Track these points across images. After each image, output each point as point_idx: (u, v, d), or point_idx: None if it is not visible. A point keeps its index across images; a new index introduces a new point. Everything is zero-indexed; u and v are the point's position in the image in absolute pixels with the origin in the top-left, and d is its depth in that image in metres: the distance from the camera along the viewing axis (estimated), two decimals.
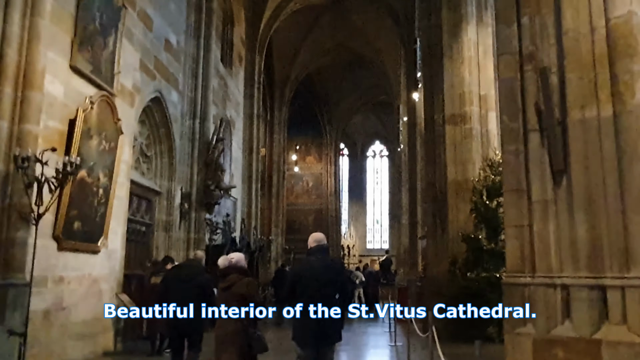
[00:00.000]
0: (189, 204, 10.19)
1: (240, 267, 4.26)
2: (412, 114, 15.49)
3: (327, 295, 3.69)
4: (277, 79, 21.77)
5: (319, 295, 3.65)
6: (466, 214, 9.16)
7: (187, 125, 10.41)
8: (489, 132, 9.58)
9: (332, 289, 3.74)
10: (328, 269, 3.82)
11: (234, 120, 14.64)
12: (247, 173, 15.69)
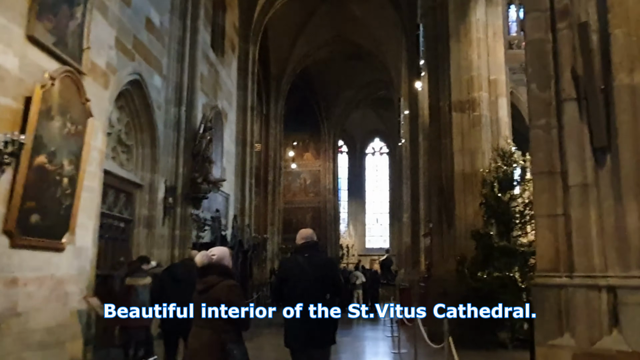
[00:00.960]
0: (173, 198, 9.39)
1: (222, 266, 3.36)
2: (414, 106, 14.72)
3: (316, 295, 3.46)
4: (273, 72, 20.98)
5: (307, 295, 3.44)
6: (475, 209, 8.39)
7: (171, 113, 9.61)
8: (499, 119, 8.83)
9: (322, 288, 3.51)
10: (317, 267, 3.55)
11: (226, 112, 13.84)
12: (240, 168, 14.90)
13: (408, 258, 16.65)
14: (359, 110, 29.18)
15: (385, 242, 30.07)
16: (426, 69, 11.06)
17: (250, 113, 15.50)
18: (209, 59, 12.19)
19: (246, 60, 15.40)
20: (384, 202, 31.53)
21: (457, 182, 8.63)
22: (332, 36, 20.98)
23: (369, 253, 29.12)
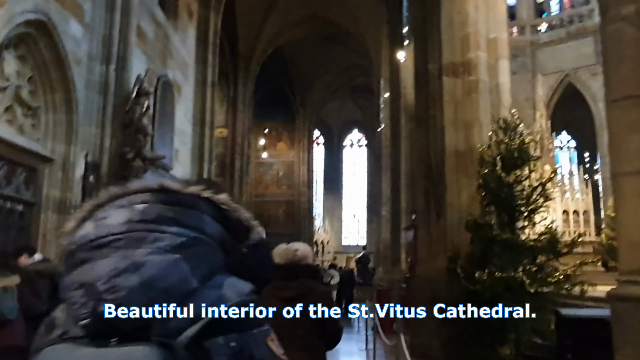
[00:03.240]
0: (96, 176, 7.51)
1: (312, 266, 2.71)
2: (396, 85, 13.12)
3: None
4: (241, 50, 19.10)
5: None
6: (471, 193, 6.75)
7: (96, 72, 7.71)
8: (499, 86, 7.22)
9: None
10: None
11: (179, 85, 11.96)
12: (197, 151, 13.03)
13: (387, 256, 15.05)
14: (337, 99, 27.54)
15: (362, 239, 28.52)
16: (411, 31, 9.41)
17: (211, 90, 13.63)
18: (155, 18, 10.30)
19: (206, 30, 13.52)
20: (362, 197, 29.98)
21: (449, 162, 6.99)
22: (307, 13, 19.24)
23: (345, 250, 27.50)
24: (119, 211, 0.72)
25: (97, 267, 0.67)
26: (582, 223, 14.17)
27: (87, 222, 0.73)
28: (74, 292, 0.67)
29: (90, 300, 0.65)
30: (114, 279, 0.65)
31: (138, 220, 0.70)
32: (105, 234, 0.69)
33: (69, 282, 0.69)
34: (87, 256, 0.69)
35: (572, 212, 14.18)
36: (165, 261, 0.67)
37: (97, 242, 0.69)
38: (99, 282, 0.65)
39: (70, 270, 0.70)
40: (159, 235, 0.69)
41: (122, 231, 0.69)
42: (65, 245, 0.73)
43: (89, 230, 0.71)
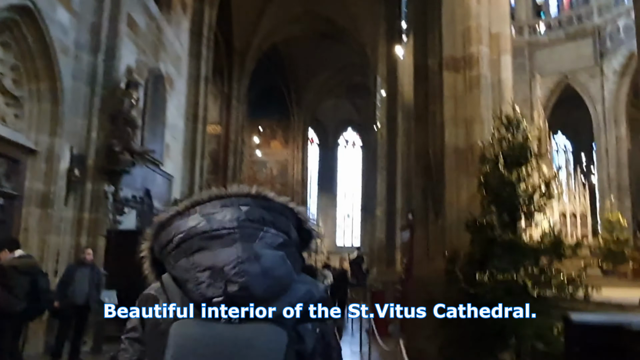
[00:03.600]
0: (82, 170, 7.22)
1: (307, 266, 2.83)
2: (393, 82, 12.89)
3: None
4: (236, 46, 18.79)
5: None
6: (471, 192, 6.52)
7: (84, 62, 7.42)
8: (502, 81, 6.99)
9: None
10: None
11: (172, 78, 11.66)
12: (190, 146, 12.73)
13: (382, 256, 14.82)
14: (332, 98, 27.29)
15: (356, 239, 28.30)
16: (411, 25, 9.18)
17: (204, 85, 13.34)
18: (148, 9, 10.00)
19: (201, 23, 13.23)
20: (356, 198, 29.74)
21: (449, 159, 6.76)
22: (304, 10, 18.97)
23: (339, 251, 27.24)
24: (225, 209, 0.87)
25: (221, 255, 0.82)
26: (579, 226, 14.06)
27: (190, 216, 0.87)
28: (199, 274, 0.81)
29: (220, 281, 0.80)
30: (241, 265, 0.81)
31: (244, 219, 0.86)
32: (218, 227, 0.85)
33: (189, 265, 0.83)
34: (204, 244, 0.84)
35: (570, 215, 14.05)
36: (277, 255, 0.84)
37: (213, 233, 0.84)
38: (227, 266, 0.80)
39: (185, 255, 0.84)
40: (264, 234, 0.86)
41: (234, 227, 0.85)
42: (168, 234, 0.87)
43: (200, 222, 0.85)
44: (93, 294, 6.26)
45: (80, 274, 6.17)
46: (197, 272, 0.83)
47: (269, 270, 0.83)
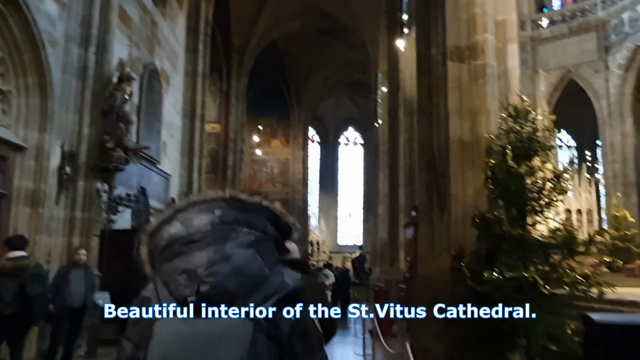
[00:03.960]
0: (74, 167, 6.97)
1: (298, 261, 2.51)
2: (395, 77, 12.62)
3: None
4: (234, 43, 18.53)
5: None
6: (477, 187, 6.26)
7: (74, 55, 7.16)
8: (508, 71, 6.71)
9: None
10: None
11: (168, 74, 11.41)
12: (187, 144, 12.49)
13: (384, 255, 14.55)
14: (333, 96, 27.02)
15: (358, 238, 28.03)
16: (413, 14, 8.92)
17: (202, 81, 13.09)
18: (141, 2, 9.76)
19: (197, 18, 12.98)
20: (358, 196, 29.48)
21: (453, 153, 6.48)
22: (303, 6, 18.71)
23: (341, 250, 26.99)
24: (201, 215, 0.99)
25: (195, 258, 0.93)
26: (585, 222, 13.77)
27: (172, 222, 1.00)
28: (178, 277, 0.93)
29: (194, 283, 0.91)
30: (212, 267, 0.92)
31: (219, 222, 0.98)
32: (194, 232, 0.97)
33: (171, 269, 0.95)
34: (183, 249, 0.96)
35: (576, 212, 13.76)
36: (247, 254, 0.95)
37: (190, 238, 0.96)
38: (200, 269, 0.92)
39: (168, 260, 0.97)
40: (237, 234, 0.97)
41: (208, 230, 0.97)
42: (157, 240, 0.99)
43: (178, 229, 0.98)
44: (90, 296, 6.02)
45: (74, 276, 5.92)
46: (177, 275, 0.93)
47: (240, 268, 0.92)
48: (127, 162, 7.51)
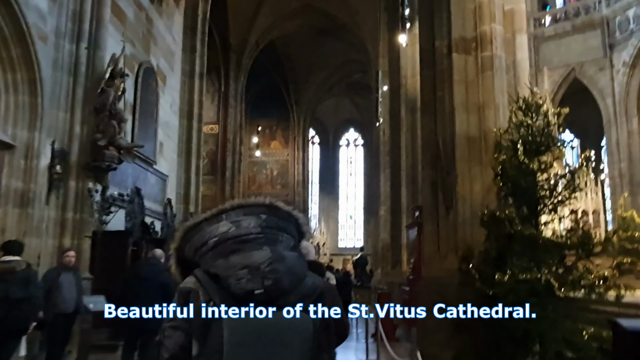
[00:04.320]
0: (64, 166, 6.70)
1: (315, 262, 2.78)
2: (396, 74, 12.37)
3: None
4: (232, 43, 18.30)
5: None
6: (485, 184, 5.99)
7: (65, 51, 6.91)
8: (517, 63, 6.46)
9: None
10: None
11: (164, 73, 11.15)
12: (185, 145, 12.23)
13: (386, 257, 14.27)
14: (332, 97, 26.77)
15: (359, 241, 27.73)
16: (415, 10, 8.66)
17: (199, 81, 12.84)
18: None
19: (194, 17, 12.74)
20: (359, 198, 29.20)
21: (460, 149, 6.22)
22: (301, 5, 18.47)
23: (341, 252, 26.71)
24: (248, 218, 1.12)
25: (254, 256, 1.06)
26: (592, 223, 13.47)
27: (220, 222, 1.12)
28: (240, 271, 1.05)
29: (258, 277, 1.04)
30: (272, 264, 1.05)
31: (265, 226, 1.11)
32: (247, 232, 1.10)
33: (229, 264, 1.06)
34: (237, 247, 1.08)
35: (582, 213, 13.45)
36: (295, 256, 1.11)
37: (243, 237, 1.09)
38: (262, 265, 1.05)
39: (223, 255, 1.08)
40: (282, 238, 1.12)
41: (259, 232, 1.10)
42: (201, 237, 1.11)
43: (230, 228, 1.11)
44: (82, 300, 5.72)
45: (65, 280, 5.59)
46: (237, 270, 1.05)
47: (292, 268, 1.09)
48: (121, 161, 7.24)
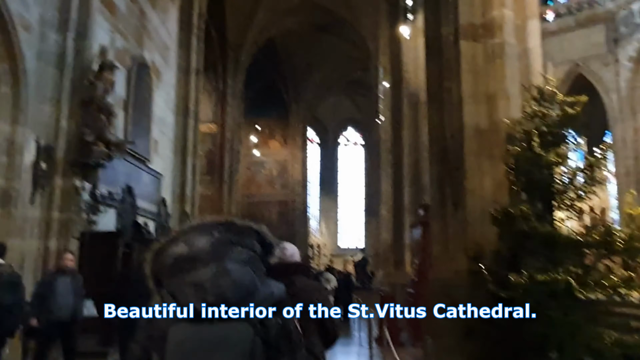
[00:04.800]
0: (50, 163, 6.34)
1: (301, 264, 2.67)
2: (397, 69, 12.01)
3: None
4: (230, 40, 17.93)
5: None
6: (496, 179, 5.63)
7: (51, 41, 6.54)
8: (529, 51, 6.11)
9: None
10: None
11: (159, 69, 10.79)
12: (180, 143, 11.86)
13: (388, 258, 13.90)
14: (332, 96, 26.42)
15: (360, 242, 27.35)
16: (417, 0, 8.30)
17: (195, 77, 12.49)
18: None
19: (190, 11, 12.37)
20: (359, 198, 28.83)
21: (469, 142, 5.85)
22: (300, 1, 18.10)
23: (342, 253, 26.33)
24: (201, 237, 1.19)
25: (200, 273, 1.13)
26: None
27: (177, 243, 1.19)
28: (186, 289, 1.13)
29: (202, 294, 1.10)
30: (216, 280, 1.12)
31: (216, 243, 1.17)
32: (197, 251, 1.17)
33: (179, 282, 1.15)
34: (188, 266, 1.15)
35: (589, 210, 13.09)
36: (242, 270, 1.15)
37: (193, 255, 1.16)
38: (206, 282, 1.12)
39: (174, 275, 1.16)
40: (232, 253, 1.17)
41: (210, 250, 1.16)
42: (163, 258, 1.19)
43: (184, 249, 1.18)
44: (80, 307, 5.29)
45: (61, 284, 5.15)
46: (185, 288, 1.13)
47: (237, 281, 1.13)
48: (111, 158, 6.87)
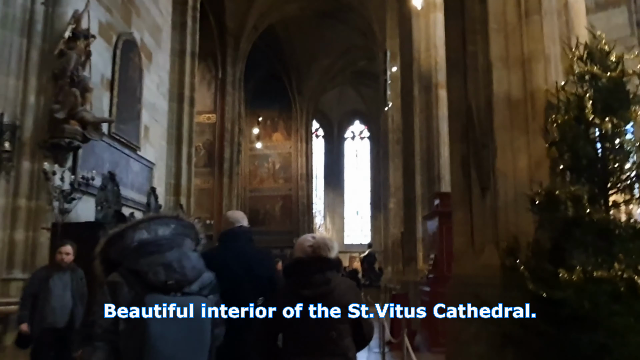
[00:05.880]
0: (16, 144, 5.54)
1: (335, 261, 2.43)
2: (408, 49, 11.12)
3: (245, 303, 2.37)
4: (229, 26, 17.10)
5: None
6: (534, 157, 4.71)
7: (16, 5, 5.74)
8: (569, 5, 5.18)
9: (253, 294, 2.42)
10: (246, 265, 2.51)
11: (150, 50, 9.98)
12: (175, 131, 11.07)
13: (396, 253, 13.07)
14: (336, 87, 25.56)
15: (366, 237, 26.52)
16: None
17: (191, 61, 11.68)
18: None
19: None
20: (365, 193, 27.98)
21: (499, 115, 4.95)
22: None
23: (348, 249, 25.52)
24: (161, 227, 1.91)
25: (168, 256, 1.80)
26: None
27: (138, 230, 1.86)
28: (158, 268, 1.77)
29: (171, 272, 1.78)
30: (180, 262, 1.81)
31: (174, 233, 1.91)
32: (161, 238, 1.86)
33: (149, 262, 1.78)
34: (154, 249, 1.80)
35: None
36: (196, 255, 1.91)
37: (160, 241, 1.84)
38: (174, 263, 1.80)
39: (144, 256, 1.79)
40: (185, 242, 1.91)
41: (170, 237, 1.88)
42: (125, 242, 1.83)
43: (147, 235, 1.86)
44: (78, 311, 4.39)
45: (57, 283, 4.31)
46: (155, 267, 1.75)
47: (194, 265, 1.84)
48: (86, 138, 6.06)
